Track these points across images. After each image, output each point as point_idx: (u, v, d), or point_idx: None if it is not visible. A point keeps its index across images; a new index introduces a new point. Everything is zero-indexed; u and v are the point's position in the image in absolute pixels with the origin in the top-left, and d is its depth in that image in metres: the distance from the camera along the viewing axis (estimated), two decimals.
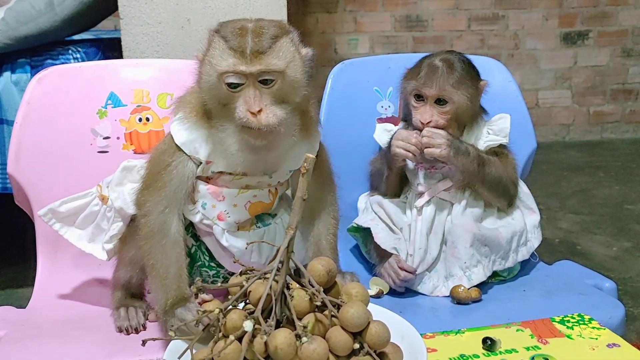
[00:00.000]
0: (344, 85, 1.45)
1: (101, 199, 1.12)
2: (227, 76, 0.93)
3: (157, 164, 1.02)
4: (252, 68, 0.92)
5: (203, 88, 0.98)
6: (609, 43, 3.58)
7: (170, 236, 1.00)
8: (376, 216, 1.29)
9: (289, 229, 0.76)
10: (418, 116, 1.25)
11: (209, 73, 0.96)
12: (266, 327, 0.70)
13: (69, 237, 1.14)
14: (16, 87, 1.76)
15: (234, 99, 0.94)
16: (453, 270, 1.22)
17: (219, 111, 0.98)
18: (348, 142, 1.43)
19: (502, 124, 1.30)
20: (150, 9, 1.74)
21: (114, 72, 1.35)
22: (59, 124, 1.28)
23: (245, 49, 0.92)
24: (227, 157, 1.00)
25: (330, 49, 3.43)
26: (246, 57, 0.92)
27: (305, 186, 0.75)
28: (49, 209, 1.13)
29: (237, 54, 0.93)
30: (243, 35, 0.93)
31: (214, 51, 0.95)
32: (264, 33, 0.94)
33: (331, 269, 0.77)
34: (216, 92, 0.96)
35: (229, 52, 0.93)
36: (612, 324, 1.06)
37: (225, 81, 0.94)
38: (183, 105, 1.03)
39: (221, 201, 1.04)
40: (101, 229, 1.13)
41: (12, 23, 1.74)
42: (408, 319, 0.83)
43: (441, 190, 1.25)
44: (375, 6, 3.41)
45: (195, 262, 1.09)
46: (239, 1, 1.76)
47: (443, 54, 1.27)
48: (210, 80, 0.96)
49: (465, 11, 3.46)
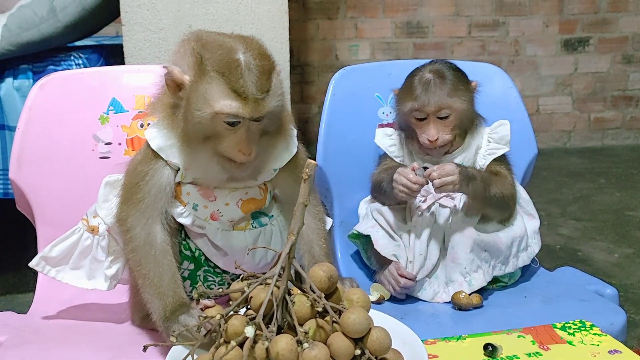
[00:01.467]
0: (345, 91, 1.46)
1: (90, 230, 1.10)
2: (226, 116, 0.93)
3: (134, 176, 1.02)
4: (255, 113, 0.94)
5: (191, 118, 0.95)
6: (610, 49, 3.59)
7: (157, 246, 1.00)
8: (376, 223, 1.29)
9: (290, 234, 0.76)
10: (424, 135, 1.25)
11: (201, 108, 0.94)
12: (267, 333, 0.70)
13: (68, 280, 1.12)
14: (18, 92, 1.76)
15: (224, 135, 0.95)
16: (453, 275, 1.22)
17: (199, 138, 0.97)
18: (349, 148, 1.43)
19: (502, 131, 1.30)
20: (152, 16, 1.75)
21: (115, 78, 1.35)
22: (61, 130, 1.28)
23: (248, 94, 0.92)
24: (205, 172, 1.01)
25: (331, 55, 3.44)
26: (249, 102, 0.93)
27: (307, 192, 0.75)
28: (41, 257, 1.11)
29: (240, 98, 0.92)
30: (241, 73, 0.92)
31: (210, 87, 0.93)
32: (260, 71, 0.93)
33: (332, 275, 0.77)
34: (207, 126, 0.95)
35: (231, 95, 0.92)
36: (614, 330, 1.06)
37: (224, 120, 0.94)
38: (158, 110, 1.02)
39: (213, 201, 1.04)
40: (98, 261, 1.11)
41: (14, 29, 1.75)
42: (409, 325, 0.83)
43: (442, 197, 1.25)
44: (376, 12, 3.42)
45: (201, 266, 1.09)
46: (240, 7, 1.77)
47: (429, 66, 1.27)
48: (202, 115, 0.94)
49: (466, 17, 3.47)
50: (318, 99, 3.43)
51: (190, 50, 0.96)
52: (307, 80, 3.45)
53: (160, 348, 0.93)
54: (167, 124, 1.01)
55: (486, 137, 1.30)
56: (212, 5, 1.76)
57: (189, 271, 1.08)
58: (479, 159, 1.29)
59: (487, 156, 1.28)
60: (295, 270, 0.77)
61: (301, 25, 3.35)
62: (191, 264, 1.08)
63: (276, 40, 1.77)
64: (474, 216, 1.25)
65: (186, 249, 1.08)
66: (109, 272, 1.09)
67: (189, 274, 1.08)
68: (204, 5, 1.75)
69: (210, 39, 0.97)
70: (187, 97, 0.95)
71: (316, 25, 3.40)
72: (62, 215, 1.25)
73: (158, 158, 1.01)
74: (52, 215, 1.26)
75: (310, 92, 3.46)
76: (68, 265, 1.11)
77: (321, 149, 1.41)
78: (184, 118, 0.96)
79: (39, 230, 1.27)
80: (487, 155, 1.28)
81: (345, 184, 1.42)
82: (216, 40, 0.97)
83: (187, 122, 0.96)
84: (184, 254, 1.07)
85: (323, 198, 1.44)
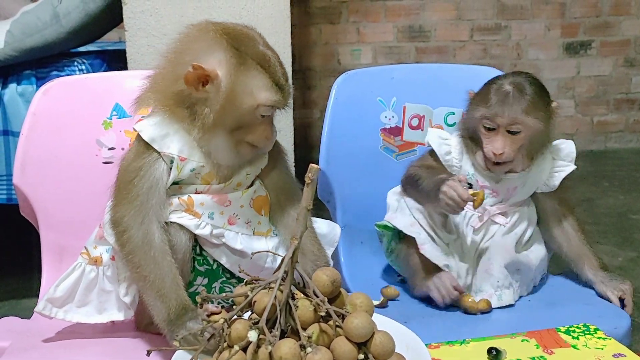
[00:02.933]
0: (347, 95, 1.46)
1: (93, 262, 1.08)
2: (265, 108, 0.99)
3: (126, 173, 1.01)
4: (287, 103, 1.02)
5: (229, 109, 0.98)
6: (612, 53, 3.58)
7: (156, 246, 0.98)
8: (416, 222, 1.23)
9: (293, 239, 0.76)
10: (490, 147, 1.19)
11: (244, 100, 0.98)
12: (271, 337, 0.70)
13: (79, 319, 1.07)
14: (22, 98, 1.77)
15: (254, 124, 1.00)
16: (484, 286, 1.20)
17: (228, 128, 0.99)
18: (352, 152, 1.43)
19: (567, 148, 1.26)
20: (155, 21, 1.75)
21: (119, 84, 1.36)
22: (64, 135, 1.29)
23: (284, 85, 1.00)
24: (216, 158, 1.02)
25: (333, 59, 3.44)
26: (285, 93, 1.00)
27: (310, 196, 0.75)
28: (46, 300, 1.06)
29: (280, 90, 0.99)
30: (276, 65, 0.99)
31: (253, 80, 0.98)
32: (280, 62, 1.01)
33: (335, 279, 0.77)
34: (245, 116, 0.99)
35: (274, 87, 0.99)
36: (618, 334, 1.06)
37: (261, 112, 0.99)
38: (146, 102, 1.03)
39: (228, 206, 1.04)
40: (107, 292, 1.07)
41: (18, 35, 1.75)
42: (413, 328, 0.83)
43: (496, 213, 1.23)
44: (378, 17, 3.43)
45: (218, 278, 1.08)
46: (243, 13, 1.77)
47: (511, 77, 1.21)
48: (244, 107, 0.98)
49: (468, 21, 3.47)
50: (320, 103, 3.43)
51: (219, 43, 0.98)
52: (309, 84, 3.45)
53: (164, 352, 0.93)
54: (166, 115, 1.00)
55: (549, 157, 1.25)
56: (215, 11, 1.76)
57: (202, 286, 1.07)
58: (546, 180, 1.25)
59: (554, 174, 1.24)
60: (298, 275, 0.77)
61: (303, 30, 3.36)
62: (205, 278, 1.07)
63: (278, 45, 1.77)
64: (517, 232, 1.24)
65: (201, 264, 1.06)
66: (127, 300, 1.05)
67: (206, 285, 1.07)
68: (207, 11, 1.76)
69: (233, 30, 1.01)
70: (224, 91, 0.97)
71: (318, 30, 3.41)
72: (66, 220, 1.26)
73: (151, 150, 1.00)
74: (56, 221, 1.26)
75: (313, 97, 3.46)
76: (74, 304, 1.07)
77: (324, 153, 1.41)
78: (214, 112, 0.98)
79: (42, 236, 1.27)
80: (554, 174, 1.24)
81: (348, 188, 1.42)
82: (240, 31, 1.02)
83: (220, 115, 0.98)
84: (198, 270, 1.06)
85: (326, 202, 1.44)
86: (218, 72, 0.96)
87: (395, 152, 1.46)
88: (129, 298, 1.05)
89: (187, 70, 0.95)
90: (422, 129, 1.46)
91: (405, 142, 1.46)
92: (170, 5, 1.75)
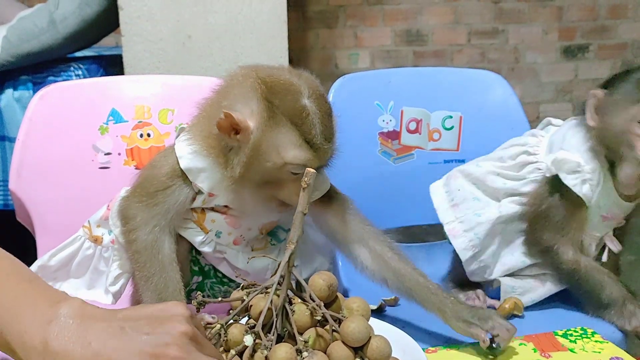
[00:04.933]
0: (345, 99, 1.46)
1: (93, 240, 1.08)
2: (294, 166, 0.90)
3: (154, 183, 0.98)
4: (322, 162, 0.92)
5: (254, 163, 0.90)
6: (609, 56, 3.59)
7: (165, 253, 0.97)
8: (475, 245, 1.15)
9: (289, 243, 0.75)
10: None
11: (271, 158, 0.89)
12: (266, 342, 0.70)
13: (66, 289, 1.08)
14: (18, 103, 1.77)
15: (285, 182, 0.92)
16: None
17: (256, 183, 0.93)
18: (349, 156, 1.42)
19: None
20: (151, 26, 1.75)
21: (115, 89, 1.36)
22: (60, 140, 1.28)
23: (318, 144, 0.89)
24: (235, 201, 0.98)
25: (331, 63, 3.45)
26: (318, 152, 0.90)
27: (306, 200, 0.75)
28: (39, 266, 1.07)
29: (311, 149, 0.89)
30: (311, 122, 0.89)
31: (282, 137, 0.88)
32: (326, 119, 0.91)
33: (332, 283, 0.77)
34: (272, 173, 0.91)
35: (303, 146, 0.89)
36: (616, 337, 1.06)
37: (290, 170, 0.90)
38: (197, 137, 0.98)
39: (237, 228, 1.02)
40: (100, 272, 1.08)
41: (14, 40, 1.76)
42: (410, 333, 0.83)
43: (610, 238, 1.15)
44: (376, 21, 3.43)
45: (209, 278, 1.08)
46: (240, 17, 1.77)
47: None
48: (270, 163, 0.90)
49: (465, 25, 3.48)
50: None
51: (254, 93, 0.90)
52: None
53: None
54: (205, 151, 0.96)
55: None
56: (212, 16, 1.76)
57: (196, 284, 1.08)
58: None
59: None
60: (295, 279, 0.77)
61: (301, 34, 3.36)
62: (199, 277, 1.08)
63: (275, 49, 1.78)
64: None
65: (196, 264, 1.07)
66: (112, 289, 1.05)
67: (197, 286, 1.08)
68: (204, 16, 1.76)
69: (272, 79, 0.91)
70: (251, 143, 0.90)
71: (316, 34, 3.41)
72: (62, 225, 1.25)
73: (184, 176, 0.98)
74: (52, 226, 1.26)
75: None
76: (67, 274, 1.10)
77: None
78: (241, 163, 0.91)
79: (39, 241, 1.27)
80: None
81: (345, 192, 1.42)
82: (280, 82, 0.91)
83: (247, 168, 0.91)
84: (193, 270, 1.07)
85: None
86: (249, 124, 0.90)
87: (393, 156, 1.46)
88: (115, 288, 1.05)
89: (219, 117, 0.90)
90: (419, 132, 1.46)
91: (403, 146, 1.46)
92: (166, 11, 1.75)
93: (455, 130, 1.45)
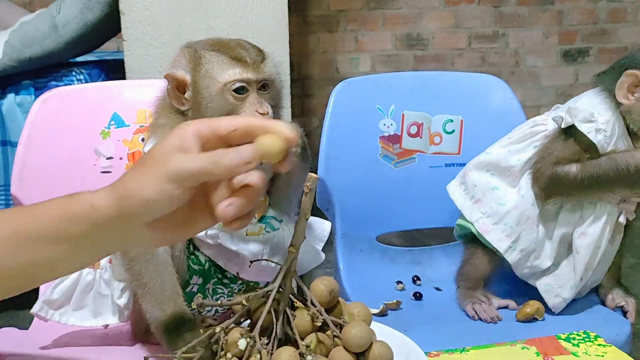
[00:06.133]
0: (346, 103, 1.46)
1: (91, 266, 1.08)
2: (232, 84, 0.99)
3: None
4: (258, 75, 1.00)
5: (202, 102, 1.00)
6: (610, 60, 3.57)
7: (159, 256, 0.98)
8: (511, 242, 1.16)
9: (291, 248, 0.75)
10: None
11: (209, 86, 1.00)
12: (259, 345, 0.70)
13: (74, 322, 1.07)
14: (20, 108, 1.77)
15: (237, 107, 1.00)
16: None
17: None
18: (351, 160, 1.43)
19: None
20: (153, 31, 1.76)
21: (117, 93, 1.36)
22: (62, 145, 1.29)
23: (247, 59, 1.00)
24: None
25: (331, 67, 3.45)
26: (249, 66, 1.00)
27: (309, 206, 0.75)
28: (43, 301, 1.06)
29: (241, 63, 1.00)
30: (236, 47, 1.01)
31: (211, 65, 1.00)
32: (252, 45, 1.04)
33: (333, 288, 0.77)
34: (219, 103, 1.00)
35: (233, 62, 1.00)
36: (619, 341, 1.06)
37: (232, 89, 0.99)
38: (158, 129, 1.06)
39: None
40: (103, 296, 1.08)
41: (16, 45, 1.76)
42: (412, 337, 0.83)
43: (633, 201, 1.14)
44: (376, 25, 3.44)
45: (210, 279, 1.08)
46: (241, 22, 1.78)
47: None
48: (212, 93, 1.00)
49: (466, 29, 3.48)
50: (319, 112, 3.43)
51: (183, 54, 1.04)
52: (307, 93, 3.46)
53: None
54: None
55: None
56: (213, 20, 1.77)
57: (197, 285, 1.08)
58: None
59: None
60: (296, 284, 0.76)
61: (301, 38, 3.37)
62: (200, 278, 1.07)
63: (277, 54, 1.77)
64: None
65: (195, 263, 1.07)
66: (120, 302, 1.05)
67: (198, 288, 1.08)
68: (205, 20, 1.77)
69: (199, 42, 1.06)
70: (192, 89, 1.01)
71: (316, 39, 3.42)
72: None
73: None
74: None
75: (311, 105, 3.47)
76: (70, 306, 1.07)
77: (323, 162, 1.41)
78: (194, 110, 1.01)
79: None
80: None
81: (347, 196, 1.42)
82: (204, 40, 1.06)
83: (199, 110, 1.00)
84: (193, 269, 1.07)
85: (325, 210, 1.44)
86: (186, 76, 1.02)
87: (394, 160, 1.46)
88: (123, 300, 1.05)
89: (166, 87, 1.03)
90: (420, 136, 1.46)
91: (404, 149, 1.46)
92: (168, 15, 1.76)
93: (456, 134, 1.45)
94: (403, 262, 1.44)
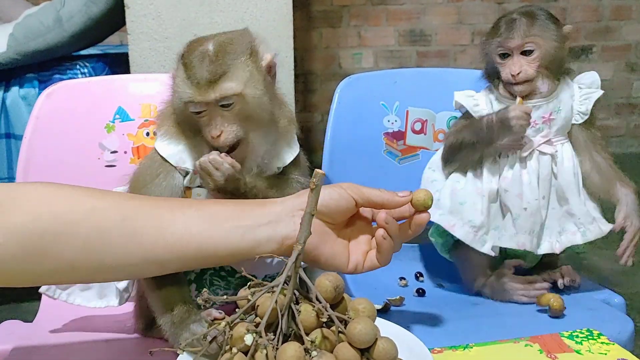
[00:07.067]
0: (350, 99, 1.46)
1: None
2: (188, 105, 0.97)
3: (142, 178, 1.02)
4: (208, 97, 0.95)
5: (175, 110, 1.01)
6: (613, 57, 3.59)
7: None
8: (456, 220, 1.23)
9: (297, 243, 0.76)
10: (507, 70, 1.22)
11: (175, 100, 0.99)
12: (265, 341, 0.70)
13: (80, 302, 1.11)
14: (24, 101, 1.77)
15: (201, 122, 0.98)
16: (567, 225, 1.23)
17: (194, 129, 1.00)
18: (355, 157, 1.43)
19: (591, 76, 1.28)
20: (157, 25, 1.76)
21: (121, 87, 1.36)
22: (67, 139, 1.29)
23: (201, 79, 0.95)
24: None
25: (334, 63, 3.45)
26: (201, 87, 0.95)
27: (314, 202, 0.75)
28: None
29: (194, 84, 0.96)
30: (200, 62, 0.96)
31: (178, 79, 0.99)
32: (220, 57, 0.96)
33: (338, 284, 0.77)
34: (184, 116, 0.99)
35: (187, 83, 0.96)
36: (621, 339, 1.06)
37: (189, 108, 0.97)
38: (164, 120, 1.05)
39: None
40: None
41: (20, 38, 1.76)
42: (416, 333, 0.83)
43: (542, 143, 1.22)
44: (379, 21, 3.44)
45: (207, 270, 1.08)
46: (245, 17, 1.77)
47: (519, 9, 1.25)
48: (178, 106, 0.99)
49: (469, 25, 3.48)
50: (321, 107, 3.44)
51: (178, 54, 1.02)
52: (310, 88, 3.46)
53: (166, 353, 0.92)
54: (173, 131, 1.03)
55: (576, 85, 1.27)
56: (217, 15, 1.77)
57: (195, 274, 1.08)
58: (575, 106, 1.25)
59: (584, 101, 1.25)
60: (301, 279, 0.77)
61: (304, 34, 3.36)
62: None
63: (281, 49, 1.78)
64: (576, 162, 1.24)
65: None
66: (120, 286, 1.07)
67: (195, 277, 1.08)
68: (209, 15, 1.76)
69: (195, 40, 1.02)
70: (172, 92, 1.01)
71: (319, 34, 3.41)
72: None
73: (167, 164, 1.03)
74: None
75: (314, 101, 3.47)
76: (77, 287, 1.11)
77: (327, 158, 1.42)
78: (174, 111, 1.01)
79: None
80: (584, 101, 1.25)
81: None
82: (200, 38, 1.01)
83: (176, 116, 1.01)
84: None
85: None
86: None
87: (398, 157, 1.46)
88: (122, 285, 1.07)
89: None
90: (424, 133, 1.46)
91: (408, 146, 1.47)
92: (172, 9, 1.75)
93: None
94: (406, 258, 1.44)
